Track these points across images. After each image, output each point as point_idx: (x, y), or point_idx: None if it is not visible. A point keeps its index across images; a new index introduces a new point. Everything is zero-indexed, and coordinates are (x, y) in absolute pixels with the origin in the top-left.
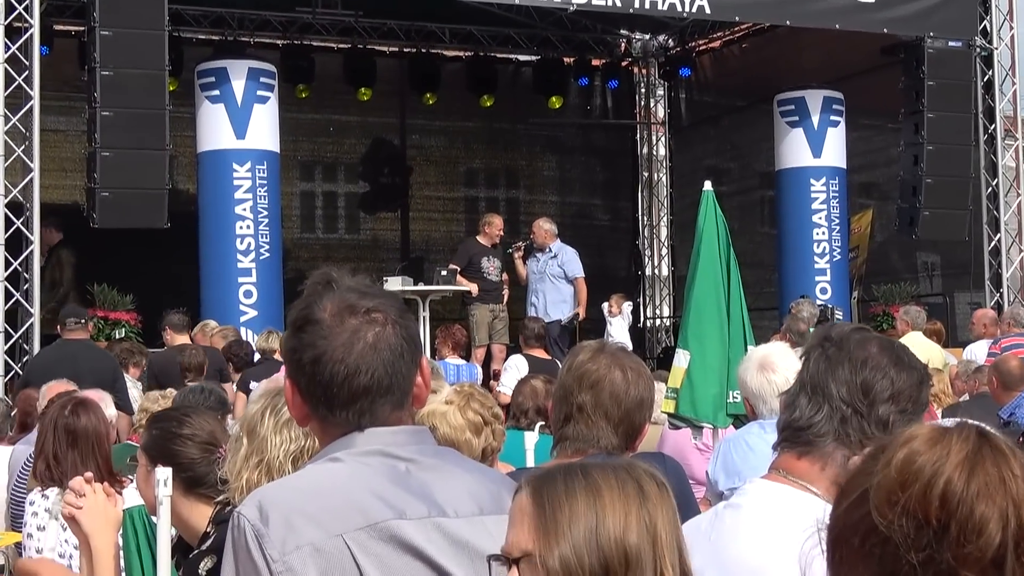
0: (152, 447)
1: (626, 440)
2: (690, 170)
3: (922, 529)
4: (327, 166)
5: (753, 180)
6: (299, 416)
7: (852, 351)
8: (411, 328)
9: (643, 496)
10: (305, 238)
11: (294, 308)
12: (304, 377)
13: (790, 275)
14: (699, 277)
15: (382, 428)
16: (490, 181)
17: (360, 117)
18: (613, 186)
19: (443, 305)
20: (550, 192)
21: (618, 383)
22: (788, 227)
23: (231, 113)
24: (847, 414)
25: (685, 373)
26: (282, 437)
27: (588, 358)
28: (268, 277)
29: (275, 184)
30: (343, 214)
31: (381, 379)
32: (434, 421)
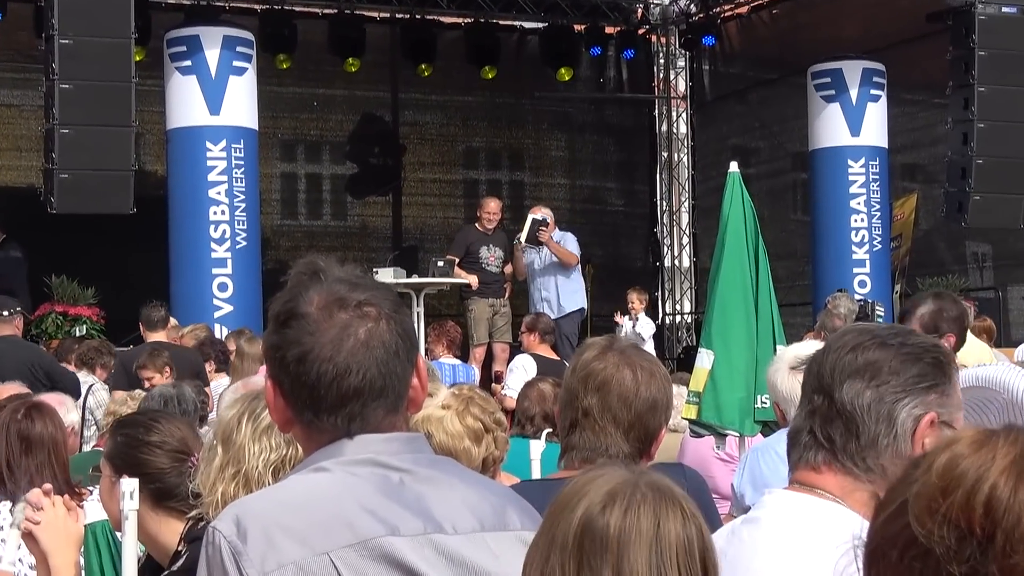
0: (117, 455)
1: (639, 447)
2: (714, 150)
3: (965, 540)
4: (310, 145)
5: (784, 161)
6: (281, 421)
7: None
8: (407, 324)
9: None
10: (286, 225)
11: (277, 300)
12: (288, 377)
13: (825, 267)
14: (724, 269)
15: (374, 435)
16: (492, 162)
17: (347, 91)
18: (628, 168)
19: (439, 299)
20: (558, 174)
21: (627, 383)
22: (823, 213)
23: (204, 86)
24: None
25: (708, 375)
26: (261, 445)
27: (594, 356)
28: (245, 268)
29: (253, 165)
30: (328, 198)
31: (374, 380)
32: (429, 427)
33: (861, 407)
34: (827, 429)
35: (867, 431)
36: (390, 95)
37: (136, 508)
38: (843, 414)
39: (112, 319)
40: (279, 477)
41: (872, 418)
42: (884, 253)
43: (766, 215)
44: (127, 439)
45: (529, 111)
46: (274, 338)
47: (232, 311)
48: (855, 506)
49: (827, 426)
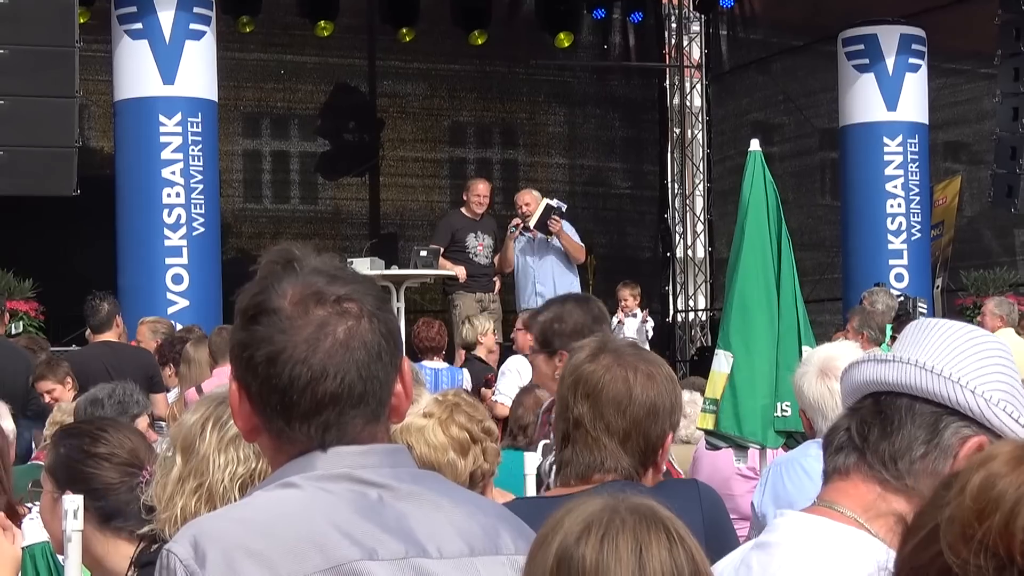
0: (59, 469)
1: (640, 458)
2: (732, 126)
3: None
4: (277, 119)
5: (812, 139)
6: (247, 429)
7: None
8: (391, 323)
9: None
10: (249, 209)
11: (245, 293)
12: (256, 380)
13: (857, 258)
14: (744, 260)
15: (350, 447)
16: (481, 139)
17: (318, 57)
18: (636, 146)
19: (421, 294)
20: (557, 153)
21: (620, 386)
22: (855, 198)
23: (157, 52)
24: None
25: (727, 380)
26: (228, 456)
27: (585, 358)
28: (203, 258)
29: (212, 141)
30: (297, 179)
31: (353, 385)
32: (408, 438)
33: (903, 405)
34: (864, 427)
35: (904, 433)
36: (366, 63)
37: (80, 528)
38: (883, 411)
39: (52, 315)
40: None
41: (913, 420)
42: (924, 243)
43: (791, 199)
44: (70, 450)
45: (523, 81)
46: (241, 335)
47: (188, 306)
48: (880, 530)
49: (864, 424)
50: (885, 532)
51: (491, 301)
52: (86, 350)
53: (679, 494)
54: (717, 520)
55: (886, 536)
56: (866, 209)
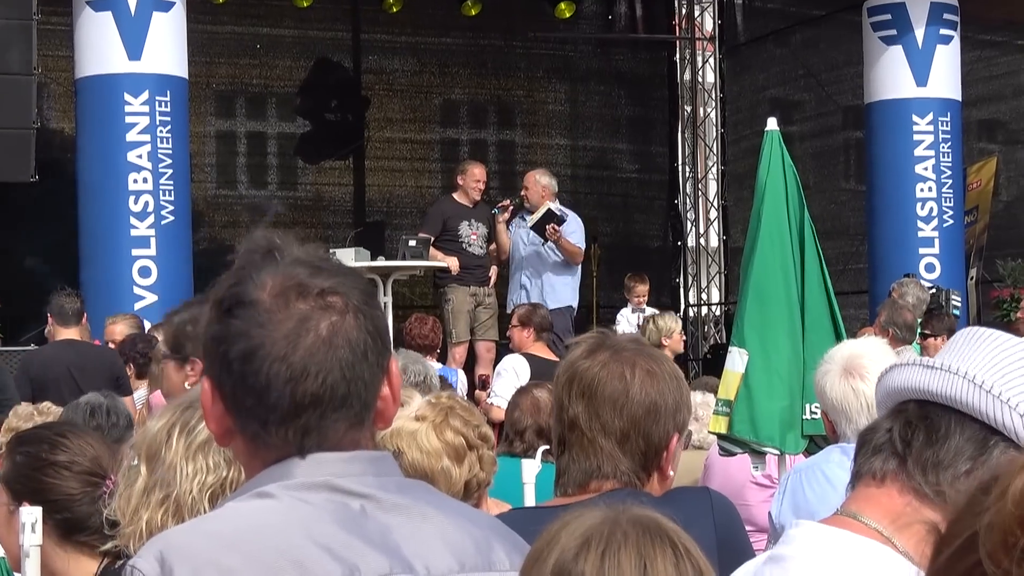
0: (16, 479)
1: (642, 462)
2: (749, 104)
3: None
4: (252, 97)
5: (834, 117)
6: (219, 432)
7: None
8: (378, 319)
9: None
10: (223, 196)
11: (221, 284)
12: (230, 378)
13: (885, 247)
14: (760, 249)
15: (332, 453)
16: (475, 118)
17: (298, 30)
18: (643, 125)
19: (411, 287)
20: (557, 133)
21: (615, 383)
22: (882, 181)
23: (122, 25)
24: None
25: (742, 380)
26: (196, 465)
27: (580, 355)
28: (173, 249)
29: (182, 122)
30: (274, 163)
31: (336, 386)
32: (399, 443)
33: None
34: (908, 430)
35: (951, 445)
36: (350, 36)
37: (39, 542)
38: (930, 417)
39: (8, 312)
40: (217, 504)
41: (962, 432)
42: (957, 229)
43: (812, 183)
44: (28, 459)
45: (521, 56)
46: (216, 329)
47: (156, 301)
48: (908, 543)
49: (909, 428)
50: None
51: (486, 295)
52: (47, 350)
53: (689, 504)
54: (731, 532)
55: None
56: (894, 194)
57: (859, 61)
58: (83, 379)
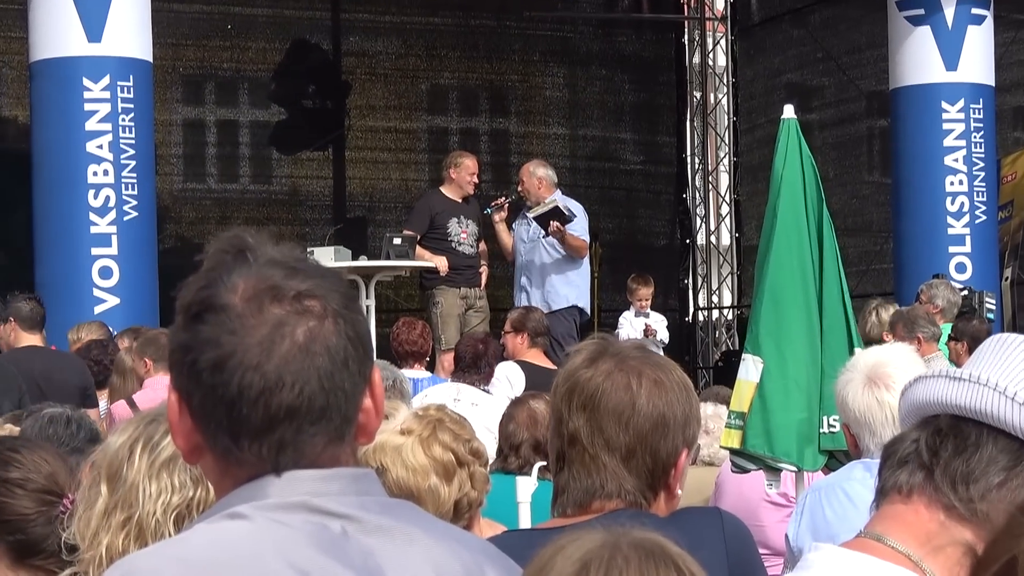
0: None
1: (648, 480)
2: (763, 89)
3: None
4: (223, 83)
5: (857, 104)
6: (187, 448)
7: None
8: (360, 324)
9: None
10: (191, 190)
11: (189, 287)
12: (199, 389)
13: (911, 245)
14: (776, 248)
15: (309, 471)
16: (466, 105)
17: (272, 9)
18: (649, 113)
19: (395, 289)
20: (555, 122)
21: (620, 394)
22: (909, 174)
23: (80, 4)
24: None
25: (756, 390)
26: (160, 484)
27: (581, 363)
28: (136, 248)
29: (146, 110)
30: (247, 154)
31: (313, 397)
32: (383, 459)
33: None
34: (936, 439)
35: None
36: (329, 15)
37: None
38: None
39: None
40: (183, 527)
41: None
42: (990, 226)
43: (832, 176)
44: None
45: (515, 37)
46: (183, 336)
47: (118, 305)
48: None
49: (938, 437)
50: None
51: (477, 298)
52: (8, 357)
53: (698, 525)
54: (743, 556)
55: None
56: (922, 187)
57: (883, 43)
58: (50, 389)
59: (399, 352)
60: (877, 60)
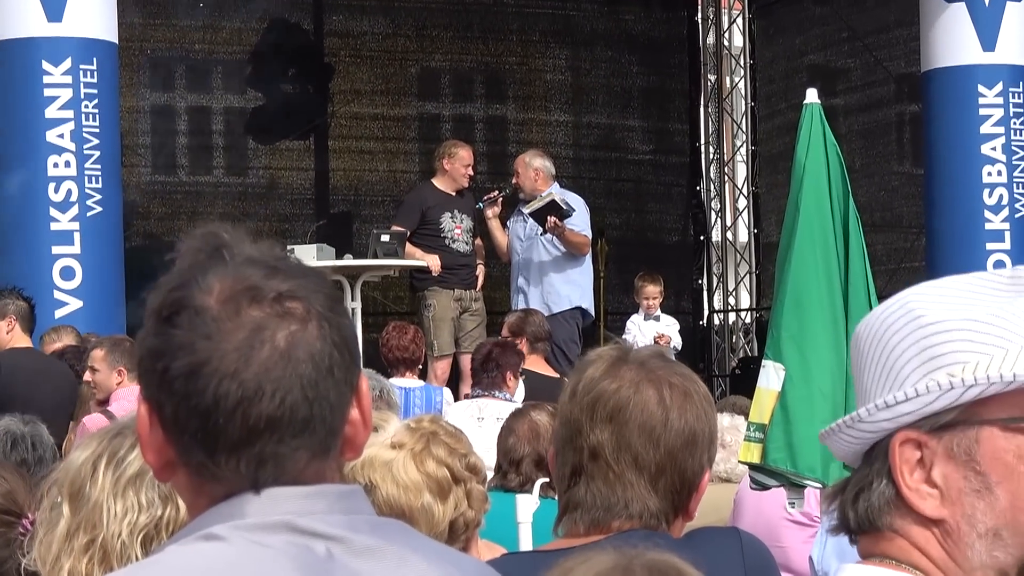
0: None
1: (672, 501)
2: (784, 72)
3: None
4: (195, 66)
5: (885, 88)
6: (158, 464)
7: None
8: (346, 328)
9: None
10: (160, 183)
11: (160, 288)
12: (171, 399)
13: (946, 242)
14: (798, 245)
15: (292, 487)
16: (460, 90)
17: None
18: (660, 98)
19: (383, 291)
20: (557, 108)
21: (652, 408)
22: (943, 164)
23: None
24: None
25: (778, 400)
26: (127, 503)
27: (603, 372)
28: (100, 246)
29: (112, 95)
30: (221, 144)
31: (296, 408)
32: (372, 475)
33: None
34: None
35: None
36: None
37: None
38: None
39: None
40: (152, 549)
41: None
42: None
43: (859, 166)
44: None
45: (513, 16)
46: (154, 341)
47: (81, 308)
48: None
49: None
50: None
51: (473, 300)
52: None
53: (715, 546)
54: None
55: None
56: (956, 178)
57: (914, 21)
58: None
59: (389, 359)
60: (908, 40)
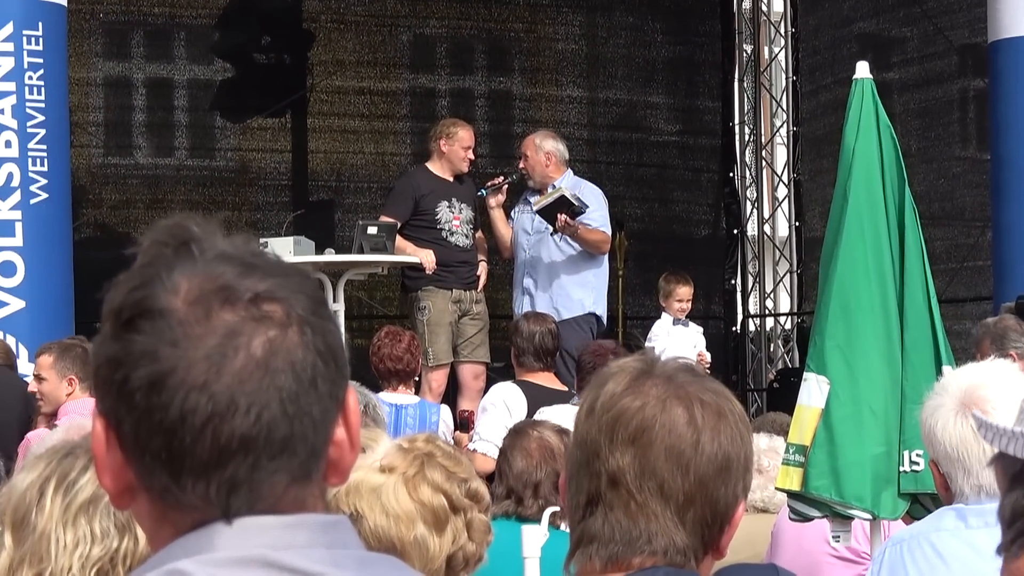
0: None
1: (702, 536)
2: (830, 42)
3: None
4: (154, 32)
5: (946, 61)
6: (116, 489)
7: None
8: (331, 334)
9: None
10: (114, 165)
11: (119, 287)
12: (131, 414)
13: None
14: (846, 241)
15: (268, 517)
16: (458, 61)
17: None
18: (688, 71)
19: (370, 291)
20: (569, 82)
21: (680, 430)
22: (1012, 148)
23: None
24: None
25: (821, 419)
26: (78, 533)
27: (625, 387)
28: (46, 238)
29: (59, 65)
30: (184, 121)
31: (273, 425)
32: (359, 503)
33: None
34: None
35: None
36: None
37: None
38: None
39: None
40: None
41: None
42: None
43: (916, 150)
44: None
45: None
46: (112, 348)
47: (23, 309)
48: None
49: None
50: None
51: (474, 302)
52: None
53: None
54: None
55: None
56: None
57: None
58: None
59: (381, 370)
60: (972, 6)
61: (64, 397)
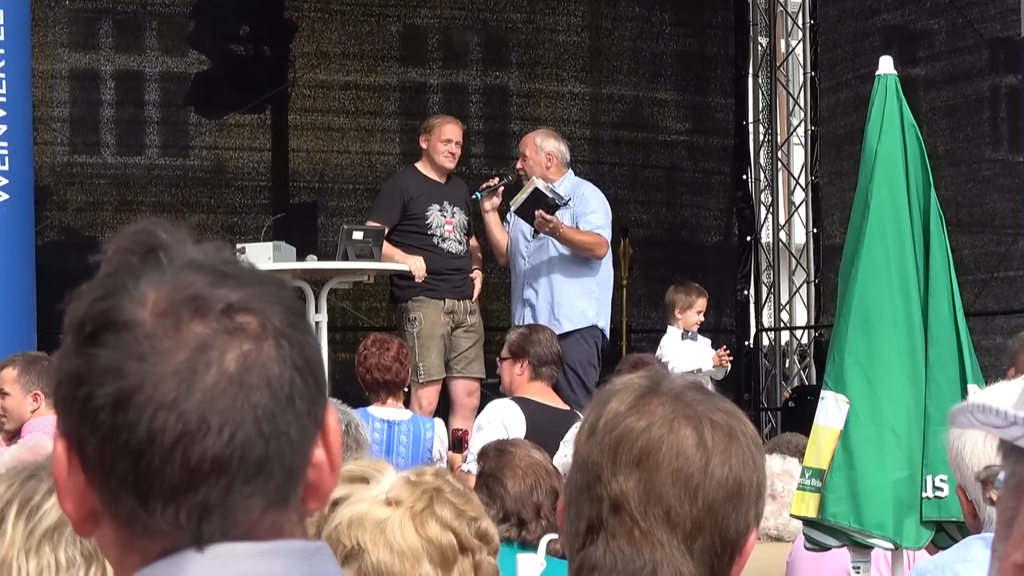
0: None
1: (711, 566)
2: (851, 34)
3: None
4: (124, 21)
5: (976, 55)
6: (79, 514)
7: None
8: (309, 348)
9: None
10: (80, 164)
11: (82, 297)
12: (95, 434)
13: None
14: (868, 249)
15: (243, 544)
16: (451, 53)
17: None
18: (698, 64)
19: (355, 300)
20: (570, 77)
21: (689, 452)
22: None
23: None
24: None
25: (840, 440)
26: (41, 562)
27: (629, 406)
28: (6, 242)
29: (22, 56)
30: (156, 117)
31: (248, 445)
32: (362, 536)
33: None
34: None
35: None
36: None
37: None
38: None
39: None
40: None
41: None
42: None
43: (943, 151)
44: None
45: None
46: (74, 363)
47: None
48: None
49: None
50: None
51: (467, 313)
52: None
53: None
54: None
55: None
56: None
57: None
58: None
59: (368, 381)
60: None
61: (29, 414)
